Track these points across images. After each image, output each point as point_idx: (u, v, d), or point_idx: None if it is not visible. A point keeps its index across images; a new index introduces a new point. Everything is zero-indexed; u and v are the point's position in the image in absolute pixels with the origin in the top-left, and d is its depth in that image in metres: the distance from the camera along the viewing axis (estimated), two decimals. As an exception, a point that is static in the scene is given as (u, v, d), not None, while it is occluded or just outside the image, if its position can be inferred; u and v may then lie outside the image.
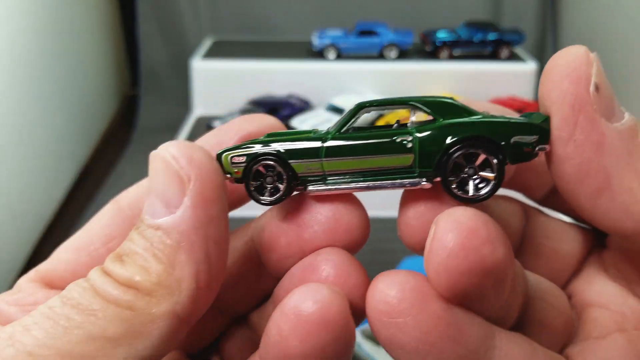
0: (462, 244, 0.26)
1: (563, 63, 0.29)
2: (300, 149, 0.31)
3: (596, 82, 0.28)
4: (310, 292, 0.28)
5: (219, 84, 2.08)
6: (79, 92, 2.03)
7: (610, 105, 0.29)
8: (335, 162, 0.31)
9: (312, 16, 2.31)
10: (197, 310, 0.29)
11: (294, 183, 0.32)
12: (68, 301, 0.27)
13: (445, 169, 0.30)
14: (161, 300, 0.27)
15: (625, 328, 0.32)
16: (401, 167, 0.31)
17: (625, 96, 1.78)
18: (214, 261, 0.29)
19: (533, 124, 0.29)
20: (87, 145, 2.09)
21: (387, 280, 0.28)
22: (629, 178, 0.28)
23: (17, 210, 1.54)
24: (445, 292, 0.27)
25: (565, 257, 0.36)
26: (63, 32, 1.90)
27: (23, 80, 1.62)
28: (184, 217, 0.28)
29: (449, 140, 0.30)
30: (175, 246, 0.28)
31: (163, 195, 0.28)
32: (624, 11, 1.81)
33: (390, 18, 2.18)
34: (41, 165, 1.71)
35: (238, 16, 2.37)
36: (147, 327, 0.27)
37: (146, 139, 2.12)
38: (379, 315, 0.27)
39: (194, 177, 0.28)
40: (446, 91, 2.02)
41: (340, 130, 0.32)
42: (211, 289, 0.29)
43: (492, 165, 0.30)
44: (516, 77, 2.02)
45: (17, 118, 1.57)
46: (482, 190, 0.30)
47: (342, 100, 1.92)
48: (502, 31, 2.08)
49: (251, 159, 0.32)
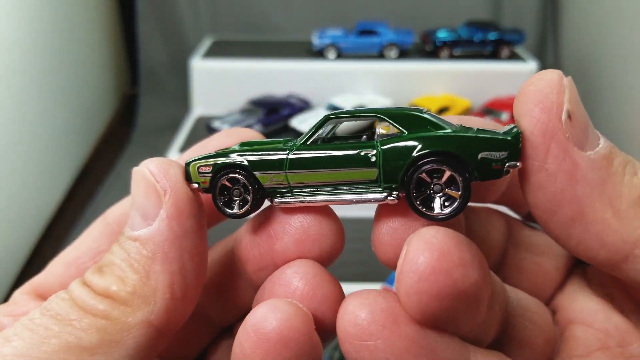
0: (433, 267, 0.25)
1: (535, 89, 0.28)
2: (264, 160, 0.31)
3: (569, 110, 0.27)
4: (271, 309, 0.28)
5: (219, 84, 2.07)
6: (79, 91, 2.02)
7: (583, 133, 0.28)
8: (298, 175, 0.31)
9: (312, 16, 2.31)
10: (174, 320, 0.29)
11: (260, 194, 0.32)
12: (47, 312, 0.28)
13: (409, 184, 0.29)
14: (136, 309, 0.28)
15: (609, 345, 0.31)
16: (366, 180, 0.30)
17: (626, 96, 1.78)
18: (189, 272, 0.29)
19: (501, 140, 0.28)
20: (86, 145, 2.09)
21: (356, 302, 0.27)
22: (603, 208, 0.27)
23: (17, 209, 1.53)
24: (416, 314, 0.26)
25: (548, 271, 0.35)
26: (63, 32, 1.90)
27: (23, 80, 1.61)
28: (160, 228, 0.29)
29: (414, 154, 0.29)
30: (151, 257, 0.28)
31: (142, 208, 0.29)
32: (624, 11, 1.81)
33: (390, 18, 2.17)
34: (41, 164, 1.71)
35: (238, 16, 2.37)
36: (123, 336, 0.27)
37: (146, 139, 2.12)
38: (349, 337, 0.27)
39: (170, 191, 0.29)
40: (446, 91, 2.01)
41: (306, 142, 0.31)
42: (187, 299, 0.30)
43: (458, 183, 0.29)
44: (517, 77, 2.02)
45: (17, 118, 1.57)
46: (448, 208, 0.29)
47: (342, 100, 1.91)
48: (503, 31, 2.07)
49: (217, 169, 0.32)
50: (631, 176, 0.28)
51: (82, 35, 2.09)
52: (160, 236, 0.29)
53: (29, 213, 1.62)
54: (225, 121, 1.84)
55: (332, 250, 0.32)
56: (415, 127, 0.30)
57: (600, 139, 0.28)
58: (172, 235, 0.29)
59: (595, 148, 0.28)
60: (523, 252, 0.36)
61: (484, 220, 0.35)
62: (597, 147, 0.28)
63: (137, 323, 0.28)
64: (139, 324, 0.28)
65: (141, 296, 0.28)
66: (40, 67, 1.72)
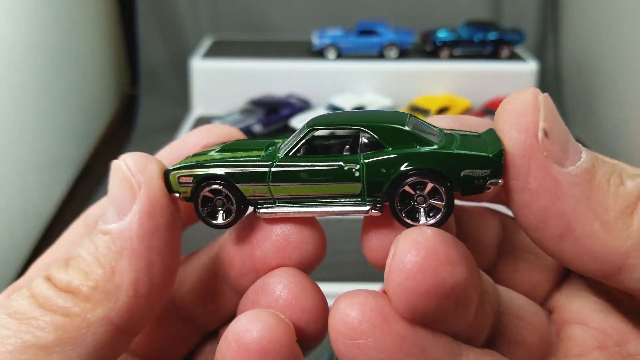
0: (420, 265, 0.25)
1: (510, 110, 0.28)
2: (246, 173, 0.31)
3: (545, 128, 0.27)
4: (252, 320, 0.28)
5: (219, 84, 2.07)
6: (79, 91, 2.02)
7: (563, 149, 0.28)
8: (282, 187, 0.31)
9: (312, 16, 2.31)
10: (136, 319, 0.29)
11: (243, 205, 0.32)
12: (7, 310, 0.27)
13: (393, 198, 0.30)
14: (97, 305, 0.27)
15: (606, 345, 0.31)
16: (350, 194, 0.30)
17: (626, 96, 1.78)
18: (157, 272, 0.29)
19: (484, 158, 0.29)
20: (86, 144, 2.09)
21: (347, 301, 0.28)
22: (590, 221, 0.27)
23: (17, 209, 1.53)
24: (405, 312, 0.27)
25: (543, 270, 0.35)
26: (62, 32, 1.90)
27: (22, 80, 1.61)
28: (130, 223, 0.28)
29: (399, 170, 0.29)
30: (119, 252, 0.28)
31: (116, 202, 0.29)
32: (624, 11, 1.81)
33: (390, 17, 2.17)
34: (41, 164, 1.71)
35: (238, 16, 2.36)
36: (82, 334, 0.27)
37: (146, 139, 2.12)
38: (340, 336, 0.27)
39: (144, 186, 0.29)
40: (446, 91, 2.01)
41: (289, 154, 0.31)
42: (152, 299, 0.29)
43: (441, 193, 0.29)
44: (517, 77, 2.02)
45: (17, 118, 1.57)
46: (433, 218, 0.30)
47: (342, 100, 1.91)
48: (503, 31, 2.07)
49: (198, 180, 0.32)
50: (617, 186, 0.27)
51: (82, 35, 2.09)
52: (130, 231, 0.28)
53: (29, 213, 1.61)
54: (225, 121, 1.83)
55: (313, 257, 0.32)
56: (398, 142, 0.30)
57: (582, 152, 0.28)
58: (142, 232, 0.28)
59: (576, 163, 0.28)
60: (518, 252, 0.36)
61: (477, 221, 0.35)
62: (579, 161, 0.28)
63: (97, 320, 0.27)
64: (98, 320, 0.27)
65: (103, 292, 0.27)
66: (40, 67, 1.72)
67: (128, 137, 2.19)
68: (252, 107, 1.90)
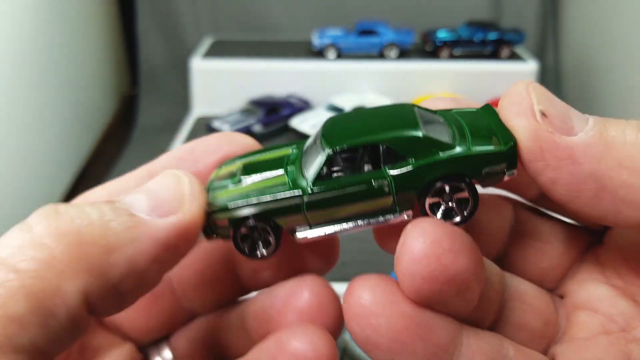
0: (425, 252, 0.28)
1: (507, 103, 0.31)
2: (281, 208, 0.32)
3: (541, 110, 0.29)
4: (308, 335, 0.31)
5: (219, 84, 2.07)
6: (79, 91, 2.02)
7: (565, 121, 0.29)
8: (318, 214, 0.32)
9: (312, 16, 2.31)
10: None
11: (281, 232, 0.33)
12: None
13: (423, 205, 0.32)
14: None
15: (612, 330, 0.32)
16: (383, 208, 0.32)
17: (626, 96, 1.78)
18: (113, 283, 0.27)
19: (501, 153, 0.31)
20: (86, 144, 2.08)
21: (360, 284, 0.30)
22: (617, 173, 0.28)
23: (17, 210, 1.53)
24: (412, 295, 0.29)
25: (554, 257, 0.36)
26: (62, 31, 1.90)
27: (22, 80, 1.61)
28: (159, 226, 0.28)
29: (425, 181, 0.31)
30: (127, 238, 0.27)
31: (156, 197, 0.29)
32: (624, 11, 1.81)
33: (390, 17, 2.17)
34: (40, 164, 1.71)
35: (237, 15, 2.36)
36: None
37: (146, 139, 2.11)
38: (355, 317, 0.29)
39: (196, 201, 0.29)
40: (447, 91, 2.01)
41: (316, 180, 0.32)
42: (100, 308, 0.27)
43: (464, 189, 0.31)
44: (517, 77, 2.01)
45: (16, 118, 1.57)
46: (465, 210, 0.32)
47: (342, 100, 1.91)
48: (503, 31, 2.07)
49: (234, 224, 0.32)
50: (635, 135, 0.28)
51: (81, 35, 2.09)
52: (157, 232, 0.27)
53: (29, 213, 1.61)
54: (225, 121, 1.83)
55: (328, 263, 0.36)
56: (418, 152, 0.31)
57: (590, 118, 0.30)
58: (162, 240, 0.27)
59: (584, 128, 0.29)
60: (528, 239, 0.36)
61: (490, 209, 0.36)
62: (587, 126, 0.29)
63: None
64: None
65: None
66: (39, 67, 1.72)
67: (128, 137, 2.19)
68: (252, 107, 1.90)
